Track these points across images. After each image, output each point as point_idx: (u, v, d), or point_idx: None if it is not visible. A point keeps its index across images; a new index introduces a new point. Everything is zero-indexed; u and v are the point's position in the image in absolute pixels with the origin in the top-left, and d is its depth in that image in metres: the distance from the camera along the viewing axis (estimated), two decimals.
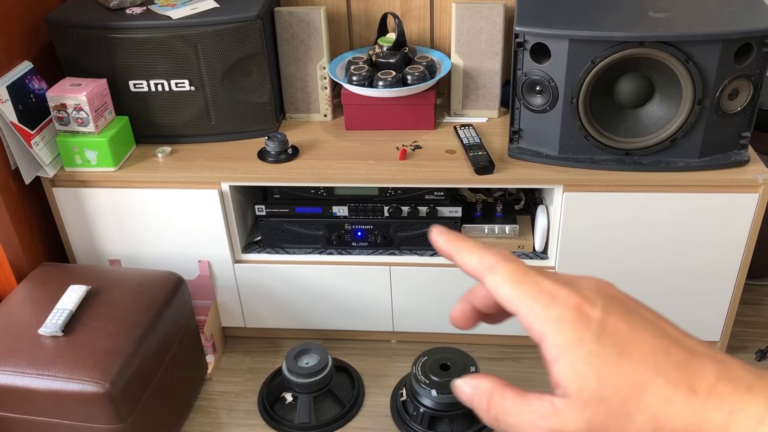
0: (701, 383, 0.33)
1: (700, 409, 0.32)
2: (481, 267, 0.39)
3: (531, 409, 0.36)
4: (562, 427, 0.34)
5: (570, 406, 0.34)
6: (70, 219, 1.75)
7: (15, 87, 1.60)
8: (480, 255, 0.39)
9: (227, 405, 1.79)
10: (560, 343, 0.35)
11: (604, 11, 1.55)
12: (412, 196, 1.71)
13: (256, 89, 1.74)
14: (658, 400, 0.33)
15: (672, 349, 0.34)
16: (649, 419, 0.33)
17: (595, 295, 0.36)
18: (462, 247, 0.41)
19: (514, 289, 0.37)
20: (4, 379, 1.36)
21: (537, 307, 0.36)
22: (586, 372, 0.34)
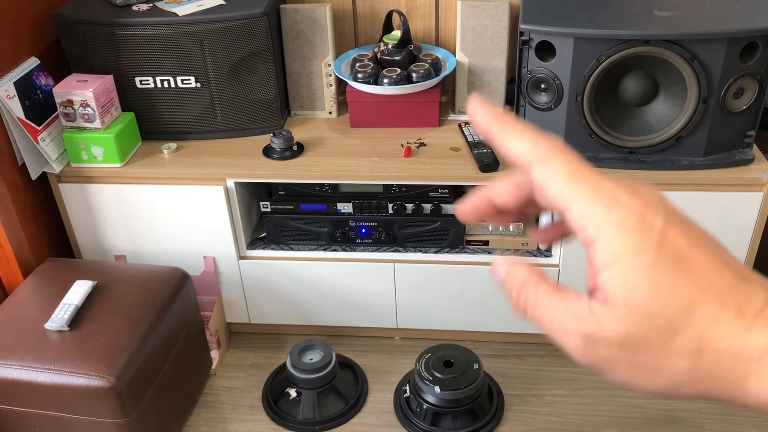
0: (749, 307, 0.32)
1: (745, 332, 0.31)
2: (532, 155, 0.35)
3: (565, 307, 0.34)
4: (599, 333, 0.33)
5: (612, 314, 0.33)
6: (76, 214, 1.76)
7: (22, 83, 1.61)
8: (533, 141, 0.36)
9: (231, 400, 1.80)
10: (617, 249, 0.32)
11: (610, 9, 1.55)
12: (417, 194, 1.71)
13: (261, 86, 1.74)
14: (706, 320, 0.32)
15: (725, 270, 0.33)
16: (694, 338, 0.32)
17: (656, 203, 0.34)
18: (511, 128, 0.36)
19: (569, 185, 0.34)
20: (11, 373, 1.37)
21: (595, 209, 0.33)
22: (640, 283, 0.32)
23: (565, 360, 1.87)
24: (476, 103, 0.38)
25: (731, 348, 0.32)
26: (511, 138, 0.36)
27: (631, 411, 1.72)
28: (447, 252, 1.76)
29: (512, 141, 0.36)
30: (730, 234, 1.62)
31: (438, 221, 1.73)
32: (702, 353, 0.32)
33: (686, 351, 0.32)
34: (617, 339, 0.33)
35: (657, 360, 0.33)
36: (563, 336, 0.35)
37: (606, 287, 0.33)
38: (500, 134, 0.37)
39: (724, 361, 0.32)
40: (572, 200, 0.34)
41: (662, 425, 1.69)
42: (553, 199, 0.35)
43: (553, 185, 0.34)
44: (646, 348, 0.32)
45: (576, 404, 1.75)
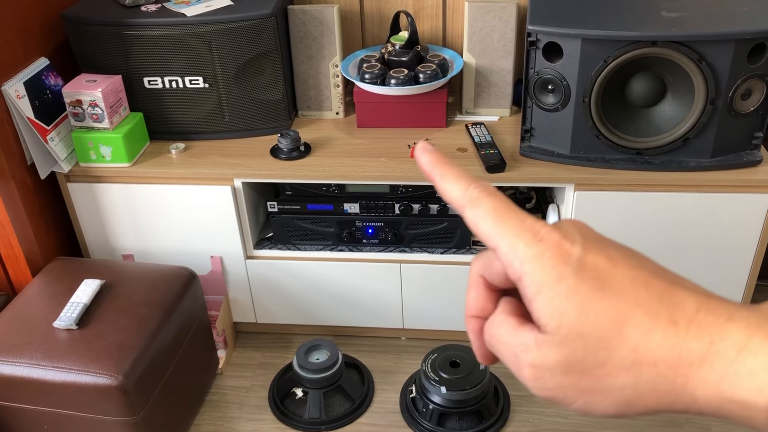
0: (681, 315, 0.32)
1: (680, 341, 0.32)
2: (463, 198, 0.38)
3: (517, 342, 0.36)
4: (540, 362, 0.34)
5: (549, 341, 0.34)
6: (84, 214, 1.77)
7: (32, 83, 1.62)
8: (465, 185, 0.38)
9: (238, 399, 1.81)
10: (540, 279, 0.34)
11: (617, 11, 1.55)
12: (423, 194, 1.72)
13: (269, 87, 1.75)
14: (638, 334, 0.32)
15: (652, 281, 0.33)
16: (629, 353, 0.32)
17: (574, 233, 0.35)
18: (447, 174, 0.39)
19: (496, 225, 0.36)
20: (20, 370, 1.38)
21: (518, 244, 0.35)
22: (565, 307, 0.33)
23: None
24: (421, 149, 0.40)
25: (668, 358, 0.32)
26: (447, 183, 0.39)
27: None
28: (453, 252, 1.77)
29: (449, 185, 0.39)
30: (738, 236, 1.62)
31: (444, 222, 1.73)
32: (640, 366, 0.32)
33: (624, 366, 0.32)
34: (558, 365, 0.34)
35: (599, 381, 0.33)
36: (518, 370, 0.36)
37: (538, 317, 0.34)
38: (438, 179, 0.39)
39: (664, 372, 0.32)
40: (500, 239, 0.36)
41: (669, 427, 1.69)
42: (484, 239, 0.37)
43: (483, 226, 0.36)
44: (586, 371, 0.33)
45: None
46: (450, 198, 0.39)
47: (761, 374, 0.30)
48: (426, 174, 0.40)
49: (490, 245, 0.37)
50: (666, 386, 0.32)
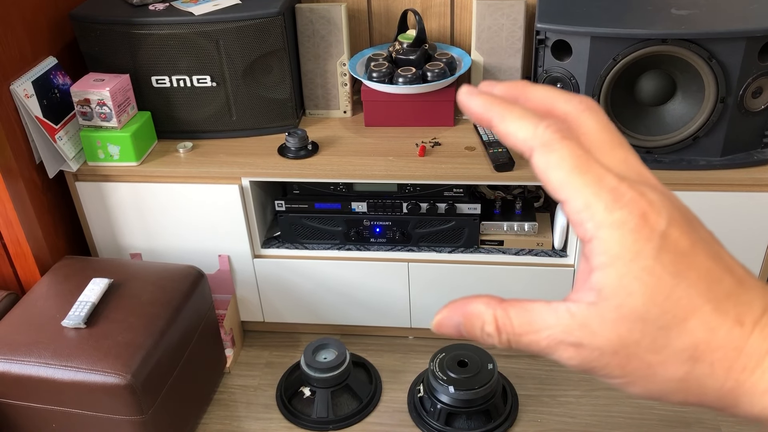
0: (749, 315, 0.31)
1: (742, 342, 0.30)
2: (533, 140, 0.33)
3: (547, 324, 0.32)
4: (589, 340, 0.32)
5: (603, 317, 0.31)
6: (92, 213, 1.78)
7: (40, 82, 1.62)
8: (534, 125, 0.33)
9: (246, 398, 1.81)
10: (615, 252, 0.31)
11: (626, 8, 1.54)
12: (431, 193, 1.71)
13: (276, 85, 1.75)
14: (703, 329, 0.31)
15: (725, 276, 0.31)
16: (689, 347, 0.31)
17: (661, 203, 0.31)
18: (508, 114, 0.34)
19: (571, 177, 0.32)
20: (29, 369, 1.39)
21: (596, 205, 0.31)
22: (634, 288, 0.31)
23: None
24: (466, 93, 0.35)
25: (726, 359, 0.31)
26: (511, 124, 0.34)
27: (645, 412, 1.71)
28: (461, 252, 1.76)
29: (512, 126, 0.34)
30: (748, 234, 1.60)
31: (452, 221, 1.73)
32: (696, 363, 0.31)
33: (680, 359, 0.31)
34: (610, 344, 0.32)
35: (649, 367, 0.32)
36: (554, 351, 0.33)
37: (600, 288, 0.31)
38: (498, 121, 0.34)
39: (718, 372, 0.31)
40: (573, 193, 0.32)
41: (678, 427, 1.68)
42: (553, 188, 0.33)
43: (554, 175, 0.32)
44: (638, 354, 0.31)
45: (590, 405, 1.74)
46: (515, 141, 0.34)
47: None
48: (480, 120, 0.35)
49: (558, 196, 0.33)
50: (715, 386, 0.31)
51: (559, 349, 0.33)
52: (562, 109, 0.35)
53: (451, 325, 0.35)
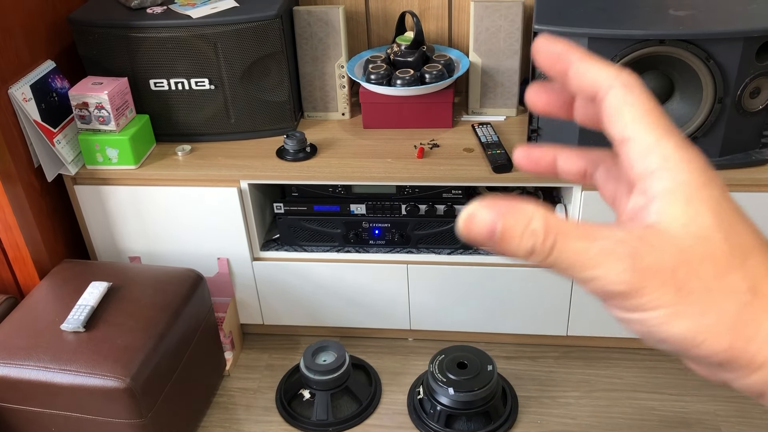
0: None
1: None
2: (614, 80, 0.34)
3: (601, 234, 0.31)
4: (648, 252, 0.30)
5: (664, 234, 0.31)
6: (91, 216, 1.78)
7: (38, 86, 1.62)
8: (618, 69, 0.34)
9: (245, 401, 1.80)
10: (682, 179, 0.31)
11: (624, 9, 1.55)
12: (430, 195, 1.71)
13: (274, 88, 1.75)
14: (761, 269, 0.31)
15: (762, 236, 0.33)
16: (748, 279, 0.31)
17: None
18: (590, 56, 0.35)
19: (647, 116, 0.33)
20: (28, 373, 1.39)
21: (667, 143, 0.32)
22: (702, 210, 0.31)
23: (579, 362, 1.87)
24: (546, 40, 0.36)
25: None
26: (593, 63, 0.35)
27: (646, 413, 1.71)
28: (460, 253, 1.76)
29: (594, 66, 0.35)
30: None
31: (451, 222, 1.73)
32: (755, 296, 0.30)
33: (741, 289, 0.30)
34: (669, 260, 0.30)
35: (709, 292, 0.30)
36: (602, 263, 0.30)
37: (662, 211, 0.31)
38: (579, 60, 0.35)
39: (760, 314, 0.30)
40: (645, 131, 0.33)
41: (678, 428, 1.68)
42: (623, 125, 0.33)
43: (629, 111, 0.33)
44: (699, 275, 0.30)
45: (590, 406, 1.74)
46: (594, 79, 0.34)
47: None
48: (557, 61, 0.36)
49: (625, 133, 0.33)
50: (750, 332, 0.30)
51: (610, 261, 0.30)
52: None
53: (484, 223, 0.31)
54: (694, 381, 1.79)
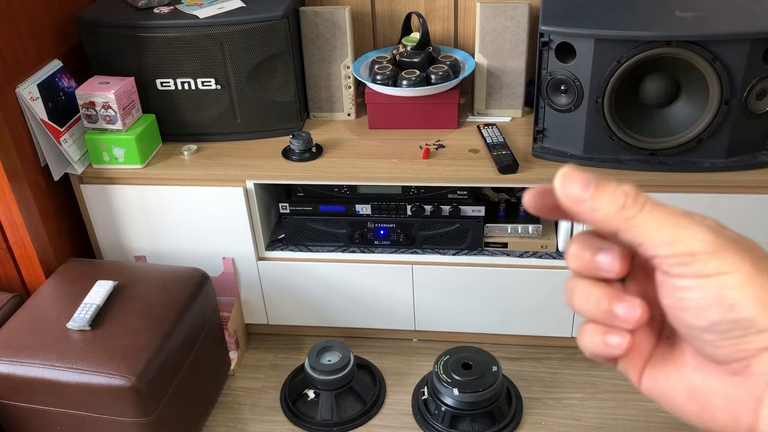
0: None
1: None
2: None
3: (689, 213, 0.34)
4: (729, 234, 0.34)
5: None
6: (97, 215, 1.78)
7: (45, 85, 1.63)
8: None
9: (250, 401, 1.81)
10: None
11: (630, 10, 1.54)
12: (435, 195, 1.71)
13: (281, 88, 1.75)
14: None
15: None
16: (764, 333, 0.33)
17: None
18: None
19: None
20: (34, 371, 1.39)
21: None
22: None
23: (583, 363, 1.86)
24: (531, 195, 0.39)
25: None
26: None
27: (651, 415, 1.71)
28: (465, 254, 1.76)
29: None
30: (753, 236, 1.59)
31: (456, 223, 1.73)
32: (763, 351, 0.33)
33: (762, 338, 0.33)
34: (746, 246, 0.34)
35: (743, 341, 0.33)
36: (689, 225, 0.33)
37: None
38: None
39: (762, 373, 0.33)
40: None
41: (683, 430, 1.67)
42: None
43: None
44: (742, 330, 0.33)
45: (595, 408, 1.74)
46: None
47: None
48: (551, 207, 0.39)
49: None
50: (751, 394, 0.33)
51: (696, 225, 0.33)
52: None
53: (581, 176, 0.35)
54: None
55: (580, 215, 0.35)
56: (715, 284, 0.33)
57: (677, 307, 0.34)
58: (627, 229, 0.34)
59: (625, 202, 0.34)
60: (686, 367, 0.36)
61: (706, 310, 0.33)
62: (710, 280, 0.33)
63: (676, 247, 0.33)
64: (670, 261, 0.33)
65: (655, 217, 0.34)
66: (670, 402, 0.37)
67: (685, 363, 0.36)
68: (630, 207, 0.34)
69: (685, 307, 0.34)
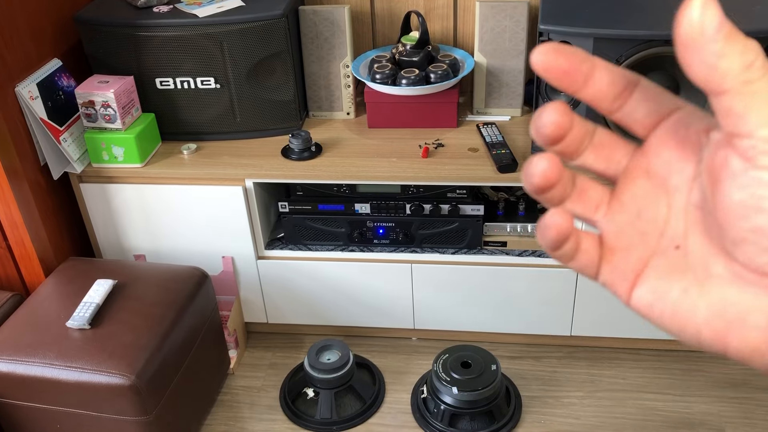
0: None
1: None
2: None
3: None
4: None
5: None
6: (96, 214, 1.78)
7: (45, 84, 1.63)
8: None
9: (249, 400, 1.81)
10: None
11: (629, 9, 1.55)
12: (434, 194, 1.71)
13: (280, 87, 1.75)
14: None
15: None
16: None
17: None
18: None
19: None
20: (33, 370, 1.39)
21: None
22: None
23: (583, 362, 1.87)
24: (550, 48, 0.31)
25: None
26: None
27: (649, 414, 1.71)
28: (464, 253, 1.76)
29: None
30: None
31: (456, 222, 1.73)
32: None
33: None
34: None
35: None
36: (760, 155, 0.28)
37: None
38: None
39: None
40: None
41: (682, 428, 1.68)
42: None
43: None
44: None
45: (594, 406, 1.74)
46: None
47: None
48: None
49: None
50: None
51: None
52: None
53: (719, 14, 0.29)
54: (698, 382, 1.79)
55: (697, 58, 0.29)
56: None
57: (750, 205, 0.29)
58: (737, 93, 0.28)
59: (754, 61, 0.28)
60: (714, 280, 0.31)
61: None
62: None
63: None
64: (764, 146, 0.28)
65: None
66: (681, 320, 0.32)
67: (711, 276, 0.31)
68: (757, 68, 0.28)
69: (761, 207, 0.28)
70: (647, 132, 0.33)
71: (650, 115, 0.33)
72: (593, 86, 0.33)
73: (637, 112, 0.33)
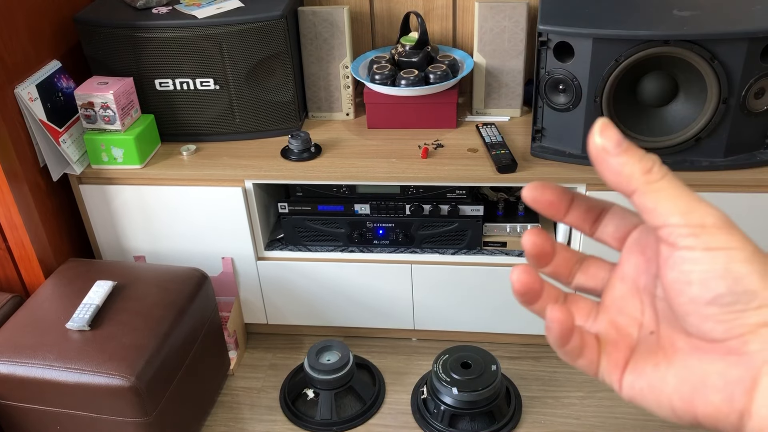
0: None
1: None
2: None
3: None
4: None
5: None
6: (96, 215, 1.78)
7: (44, 86, 1.63)
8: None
9: (249, 400, 1.81)
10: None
11: (629, 10, 1.55)
12: (434, 195, 1.71)
13: (279, 88, 1.75)
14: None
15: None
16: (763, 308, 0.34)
17: None
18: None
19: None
20: (33, 371, 1.39)
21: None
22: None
23: None
24: (534, 188, 0.40)
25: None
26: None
27: (649, 414, 1.71)
28: (464, 253, 1.76)
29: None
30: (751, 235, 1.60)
31: (455, 222, 1.73)
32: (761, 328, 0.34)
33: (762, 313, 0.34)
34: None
35: (746, 311, 0.34)
36: (701, 202, 0.35)
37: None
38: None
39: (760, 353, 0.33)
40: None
41: (682, 428, 1.68)
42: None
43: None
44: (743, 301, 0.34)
45: (594, 406, 1.74)
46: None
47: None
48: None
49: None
50: (744, 374, 0.34)
51: (706, 206, 0.34)
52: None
53: (617, 135, 0.36)
54: None
55: (606, 169, 0.37)
56: (723, 257, 0.34)
57: (682, 280, 0.35)
58: (645, 192, 0.35)
59: (652, 167, 0.35)
60: (678, 354, 0.37)
61: (712, 282, 0.34)
62: (718, 253, 0.34)
63: (689, 217, 0.34)
64: (680, 231, 0.34)
65: (674, 187, 0.35)
66: (656, 393, 0.37)
67: (676, 351, 0.37)
68: (655, 172, 0.35)
69: (690, 280, 0.34)
70: (620, 245, 0.41)
71: (618, 229, 0.41)
72: (573, 213, 0.42)
73: (608, 227, 0.42)
